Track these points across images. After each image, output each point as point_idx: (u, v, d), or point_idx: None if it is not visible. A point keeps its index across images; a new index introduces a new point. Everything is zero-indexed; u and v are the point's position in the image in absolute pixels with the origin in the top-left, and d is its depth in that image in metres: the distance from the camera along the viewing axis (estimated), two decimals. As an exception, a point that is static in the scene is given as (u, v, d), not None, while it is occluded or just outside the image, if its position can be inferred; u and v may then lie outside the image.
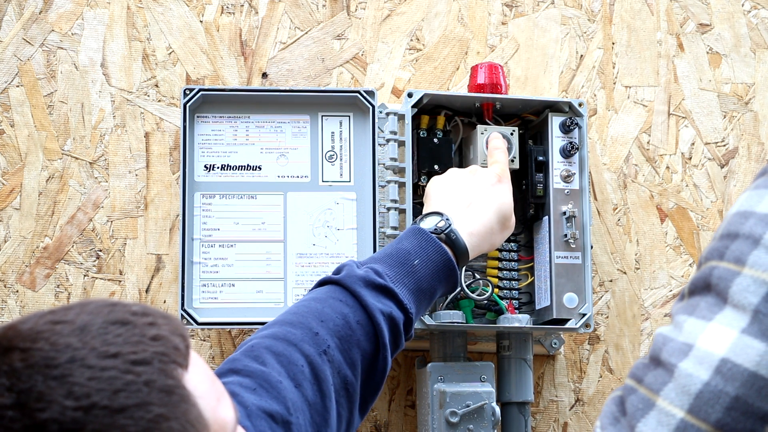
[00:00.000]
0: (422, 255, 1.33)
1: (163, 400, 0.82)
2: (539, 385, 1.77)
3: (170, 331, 0.87)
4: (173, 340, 0.87)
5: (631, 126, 1.84)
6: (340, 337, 1.24)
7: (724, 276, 0.93)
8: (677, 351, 0.93)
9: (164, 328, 0.87)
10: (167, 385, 0.83)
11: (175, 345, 0.87)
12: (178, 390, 0.84)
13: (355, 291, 1.27)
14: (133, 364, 0.83)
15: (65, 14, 1.76)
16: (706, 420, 0.89)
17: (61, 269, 1.70)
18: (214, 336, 1.71)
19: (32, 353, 0.82)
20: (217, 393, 0.90)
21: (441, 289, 1.38)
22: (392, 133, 1.61)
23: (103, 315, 0.86)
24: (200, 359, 0.91)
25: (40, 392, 0.80)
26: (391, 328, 1.27)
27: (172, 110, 1.75)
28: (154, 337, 0.86)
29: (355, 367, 1.24)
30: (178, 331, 0.88)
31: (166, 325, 0.88)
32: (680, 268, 1.82)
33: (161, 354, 0.85)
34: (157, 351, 0.85)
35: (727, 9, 1.88)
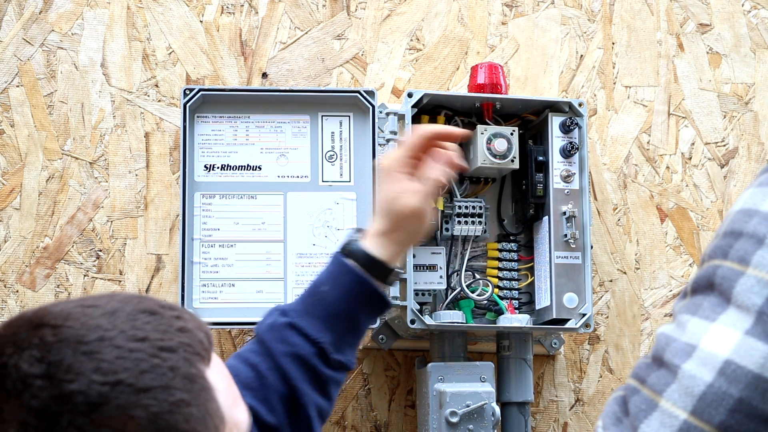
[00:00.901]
0: (330, 278, 1.28)
1: (186, 387, 0.85)
2: (539, 385, 1.77)
3: (195, 326, 0.91)
4: (198, 334, 0.90)
5: (631, 126, 1.84)
6: (252, 388, 1.24)
7: (727, 276, 0.93)
8: (680, 352, 0.92)
9: (190, 322, 0.90)
10: (190, 373, 0.86)
11: (199, 339, 0.90)
12: (200, 380, 0.87)
13: (263, 339, 1.27)
14: (159, 349, 0.86)
15: (65, 14, 1.76)
16: (710, 422, 0.89)
17: (61, 269, 1.70)
18: (214, 336, 1.71)
19: (63, 330, 0.85)
20: (233, 394, 0.93)
21: (361, 308, 1.30)
22: (392, 133, 1.61)
23: (133, 304, 0.89)
24: (220, 360, 0.94)
25: (69, 365, 0.83)
26: (300, 366, 1.25)
27: (172, 110, 1.75)
28: (180, 328, 0.89)
29: (275, 410, 1.24)
30: (202, 327, 0.92)
31: (192, 321, 0.91)
32: (680, 268, 1.82)
33: (187, 345, 0.88)
34: (182, 341, 0.88)
35: (727, 9, 1.88)
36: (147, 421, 0.83)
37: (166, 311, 0.90)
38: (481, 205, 1.66)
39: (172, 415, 0.83)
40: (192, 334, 0.89)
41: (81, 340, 0.84)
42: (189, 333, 0.89)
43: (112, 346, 0.84)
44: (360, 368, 1.73)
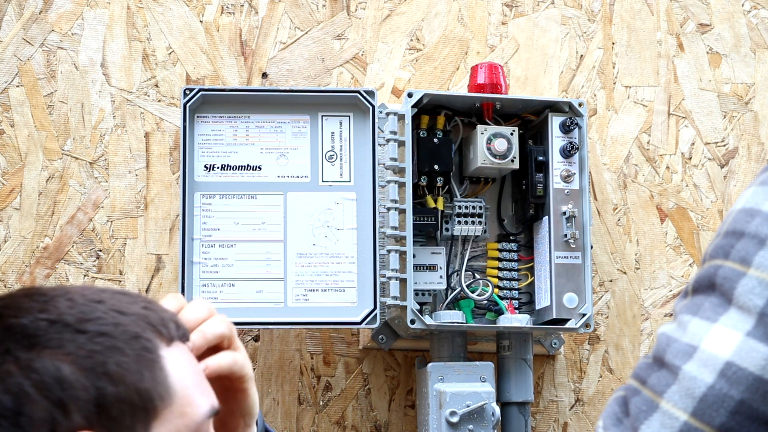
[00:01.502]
0: None
1: (126, 340, 0.86)
2: (539, 385, 1.77)
3: (164, 312, 0.91)
4: (163, 315, 0.91)
5: (631, 126, 1.84)
6: None
7: (729, 276, 0.92)
8: (681, 352, 0.92)
9: (160, 309, 0.91)
10: (135, 333, 0.87)
11: (163, 319, 0.90)
12: (145, 342, 0.87)
13: None
14: (113, 311, 0.88)
15: (65, 14, 1.76)
16: (710, 423, 0.89)
17: (61, 269, 1.70)
18: (214, 336, 1.71)
19: (32, 290, 0.89)
20: (199, 383, 0.92)
21: None
22: (392, 133, 1.61)
23: (113, 288, 0.92)
24: (193, 358, 0.94)
25: (19, 306, 0.87)
26: None
27: (172, 110, 1.75)
28: (145, 307, 0.90)
29: None
30: (173, 318, 0.92)
31: (164, 311, 0.92)
32: (680, 268, 1.82)
33: (143, 316, 0.89)
34: (141, 314, 0.89)
35: (727, 9, 1.88)
36: (78, 357, 0.84)
37: (141, 297, 0.92)
38: (481, 205, 1.66)
39: (104, 356, 0.84)
40: (157, 314, 0.90)
41: (41, 293, 0.88)
42: (154, 312, 0.90)
43: (66, 299, 0.87)
44: (360, 368, 1.74)
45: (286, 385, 1.72)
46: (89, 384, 0.84)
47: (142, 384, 0.85)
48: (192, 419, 0.89)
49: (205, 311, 1.02)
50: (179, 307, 1.01)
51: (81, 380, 0.84)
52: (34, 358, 0.84)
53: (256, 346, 1.72)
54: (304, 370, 1.73)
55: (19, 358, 0.84)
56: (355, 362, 1.74)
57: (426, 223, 1.65)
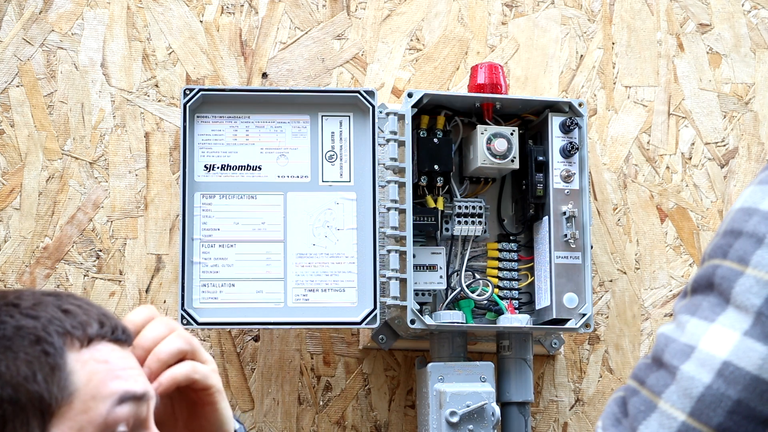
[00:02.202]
0: None
1: (24, 345, 0.87)
2: (539, 385, 1.77)
3: (88, 313, 0.92)
4: (84, 319, 0.91)
5: (631, 126, 1.84)
6: None
7: (727, 276, 0.92)
8: (679, 353, 0.92)
9: (84, 311, 0.91)
10: (39, 336, 0.88)
11: (82, 323, 0.90)
12: (47, 346, 0.88)
13: None
14: (21, 314, 0.89)
15: (65, 14, 1.76)
16: (708, 423, 0.89)
17: (61, 269, 1.70)
18: (214, 336, 1.71)
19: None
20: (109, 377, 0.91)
21: None
22: (392, 133, 1.61)
23: (61, 292, 0.93)
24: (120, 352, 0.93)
25: None
26: None
27: (172, 110, 1.75)
28: (65, 310, 0.90)
29: None
30: (100, 317, 0.92)
31: (90, 312, 0.92)
32: (680, 268, 1.82)
33: (56, 319, 0.89)
34: (54, 318, 0.89)
35: (727, 9, 1.88)
36: None
37: (68, 298, 0.92)
38: (481, 205, 1.66)
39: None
40: (75, 317, 0.91)
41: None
42: (71, 315, 0.91)
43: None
44: (360, 368, 1.74)
45: (286, 385, 1.72)
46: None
47: (33, 386, 0.86)
48: (97, 412, 0.90)
49: (164, 329, 1.01)
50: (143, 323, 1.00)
51: None
52: None
53: (256, 346, 1.72)
54: (304, 370, 1.73)
55: None
56: (355, 362, 1.74)
57: (426, 223, 1.65)
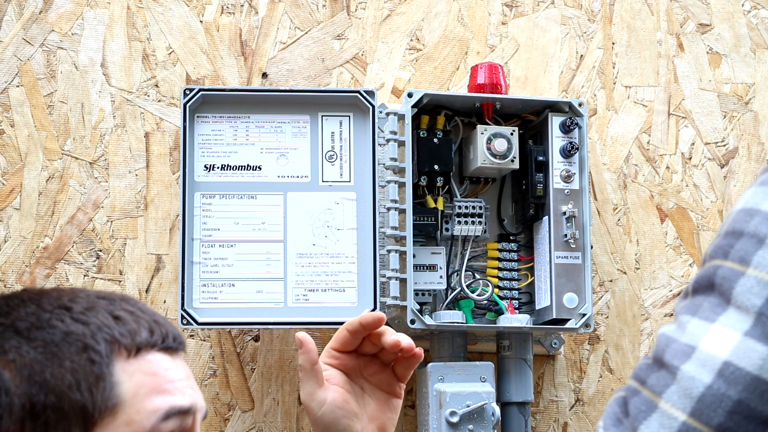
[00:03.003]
0: None
1: (71, 352, 0.87)
2: (539, 385, 1.77)
3: (139, 320, 0.91)
4: (133, 327, 0.90)
5: (631, 126, 1.84)
6: None
7: (728, 276, 0.92)
8: (680, 353, 0.92)
9: (136, 317, 0.91)
10: (87, 344, 0.87)
11: (131, 331, 0.90)
12: (93, 354, 0.87)
13: None
14: (71, 319, 0.88)
15: (65, 14, 1.76)
16: (708, 423, 0.89)
17: (61, 269, 1.70)
18: (214, 336, 1.71)
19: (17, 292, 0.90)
20: (156, 390, 0.91)
21: None
22: (392, 133, 1.61)
23: (115, 294, 0.92)
24: (171, 362, 0.93)
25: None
26: None
27: (172, 110, 1.75)
28: (116, 317, 0.90)
29: None
30: (151, 324, 0.92)
31: (141, 319, 0.91)
32: (680, 268, 1.82)
33: (108, 328, 0.89)
34: (104, 325, 0.89)
35: (727, 9, 1.88)
36: (19, 365, 0.85)
37: (124, 303, 0.91)
38: (481, 205, 1.66)
39: (42, 367, 0.85)
40: (126, 324, 0.90)
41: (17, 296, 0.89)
42: (122, 322, 0.90)
43: (35, 304, 0.88)
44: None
45: (286, 385, 1.72)
46: (24, 391, 0.85)
47: (77, 395, 0.86)
48: (141, 426, 0.90)
49: None
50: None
51: (18, 387, 0.85)
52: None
53: (256, 346, 1.72)
54: (304, 370, 1.72)
55: None
56: (355, 362, 1.74)
57: (426, 223, 1.65)
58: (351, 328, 1.15)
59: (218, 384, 1.71)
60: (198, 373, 1.70)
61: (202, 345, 1.71)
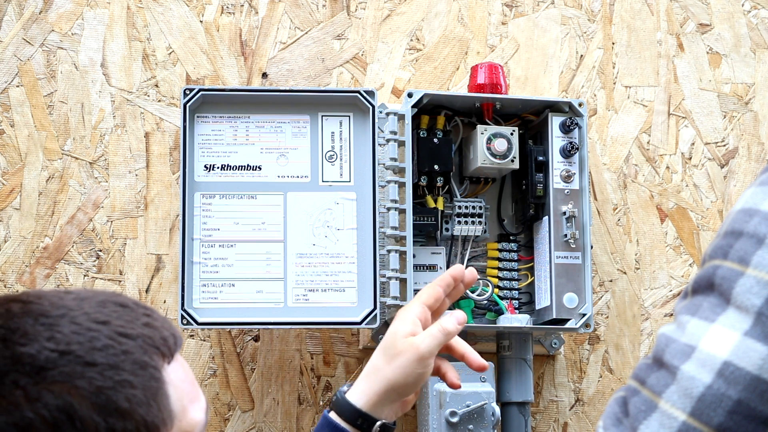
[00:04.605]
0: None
1: (134, 371, 0.87)
2: (539, 385, 1.77)
3: (163, 326, 0.92)
4: (163, 332, 0.91)
5: (631, 126, 1.84)
6: None
7: (727, 276, 0.92)
8: (680, 353, 0.92)
9: (158, 321, 0.92)
10: (143, 361, 0.88)
11: (163, 336, 0.91)
12: (152, 370, 0.88)
13: None
14: (117, 334, 0.88)
15: (65, 14, 1.76)
16: (708, 423, 0.89)
17: (61, 269, 1.70)
18: (214, 336, 1.71)
19: (32, 306, 0.88)
20: (194, 396, 0.94)
21: None
22: (392, 133, 1.61)
23: (107, 295, 0.92)
24: (186, 363, 0.95)
25: (25, 332, 0.85)
26: None
27: (172, 110, 1.75)
28: (146, 323, 0.91)
29: None
30: (171, 329, 0.93)
31: (162, 321, 0.93)
32: (680, 268, 1.82)
33: (147, 336, 0.89)
34: (144, 333, 0.89)
35: (727, 9, 1.88)
36: (89, 392, 0.84)
37: (137, 307, 0.92)
38: (481, 205, 1.66)
39: (115, 392, 0.85)
40: (157, 331, 0.91)
41: (44, 313, 0.87)
42: (153, 329, 0.91)
43: (71, 322, 0.87)
44: (360, 368, 1.74)
45: (286, 385, 1.72)
46: (100, 420, 0.84)
47: (150, 416, 0.86)
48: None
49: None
50: None
51: (92, 416, 0.84)
52: (43, 391, 0.83)
53: (256, 346, 1.72)
54: (304, 370, 1.73)
55: (27, 390, 0.83)
56: (355, 362, 1.74)
57: (426, 223, 1.65)
58: (444, 283, 1.29)
59: (218, 384, 1.71)
60: (198, 373, 1.70)
61: (202, 345, 1.71)
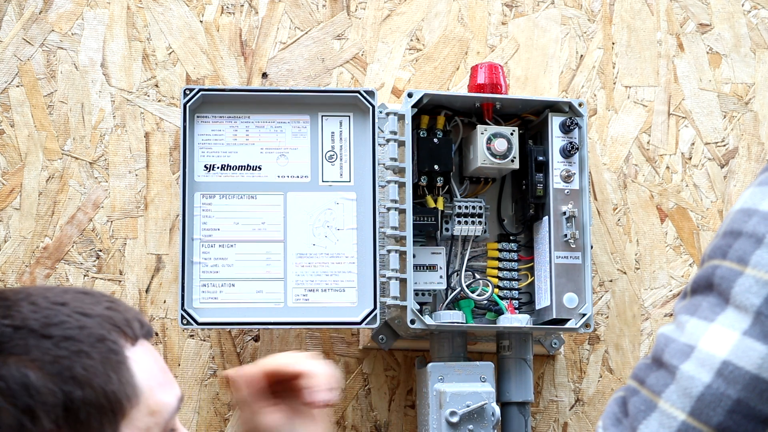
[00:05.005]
0: None
1: (92, 343, 0.87)
2: (539, 385, 1.77)
3: (127, 311, 0.93)
4: (126, 315, 0.92)
5: (631, 126, 1.84)
6: None
7: (726, 276, 0.93)
8: (679, 352, 0.92)
9: (122, 307, 0.93)
10: (100, 334, 0.88)
11: (126, 319, 0.92)
12: (110, 343, 0.89)
13: None
14: (75, 313, 0.89)
15: (65, 14, 1.76)
16: (708, 423, 0.89)
17: (61, 269, 1.70)
18: (214, 336, 1.71)
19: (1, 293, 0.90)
20: (164, 380, 0.94)
21: None
22: (392, 133, 1.61)
23: (78, 288, 0.94)
24: (157, 355, 0.95)
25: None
26: None
27: (172, 110, 1.75)
28: (108, 307, 0.91)
29: None
30: (137, 316, 0.94)
31: (126, 308, 0.93)
32: (680, 268, 1.82)
33: (107, 317, 0.90)
34: (104, 314, 0.90)
35: (727, 9, 1.88)
36: (44, 363, 0.85)
37: (101, 296, 0.93)
38: (481, 205, 1.66)
39: (70, 361, 0.85)
40: (118, 313, 0.91)
41: (5, 297, 0.89)
42: (115, 311, 0.91)
43: (30, 303, 0.88)
44: (360, 368, 1.74)
45: (286, 385, 1.72)
46: (57, 389, 0.85)
47: (109, 386, 0.87)
48: (162, 417, 0.91)
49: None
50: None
51: (48, 386, 0.84)
52: (3, 364, 0.84)
53: (256, 346, 1.72)
54: (304, 370, 1.72)
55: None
56: (355, 362, 1.74)
57: (426, 223, 1.65)
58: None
59: (218, 384, 1.71)
60: (198, 373, 1.70)
61: (202, 345, 1.71)
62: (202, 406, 1.70)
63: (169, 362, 1.70)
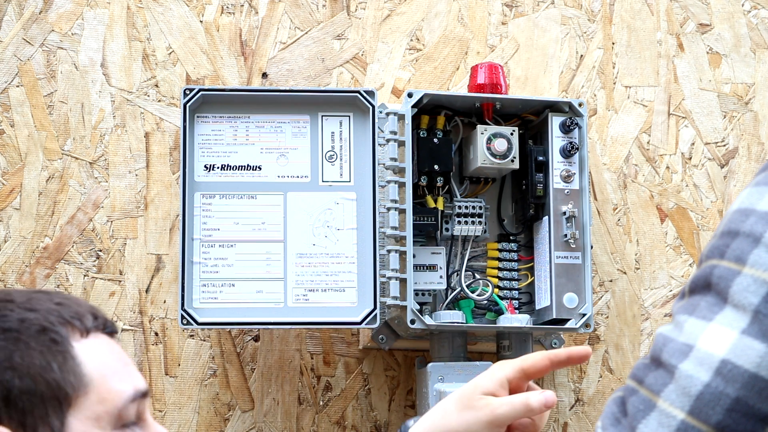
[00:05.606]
0: None
1: (33, 335, 0.88)
2: (539, 385, 1.77)
3: (80, 305, 0.93)
4: (78, 309, 0.92)
5: (631, 126, 1.84)
6: None
7: (724, 275, 0.93)
8: (677, 352, 0.92)
9: (74, 302, 0.93)
10: (42, 326, 0.89)
11: (77, 312, 0.92)
12: (53, 334, 0.89)
13: None
14: (21, 308, 0.89)
15: (65, 14, 1.76)
16: (707, 422, 0.89)
17: (61, 269, 1.70)
18: (214, 336, 1.71)
19: None
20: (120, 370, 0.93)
21: None
22: (392, 133, 1.61)
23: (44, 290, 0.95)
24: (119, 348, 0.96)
25: None
26: None
27: (172, 110, 1.75)
28: (58, 303, 0.92)
29: None
30: (92, 310, 0.94)
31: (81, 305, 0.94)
32: (680, 268, 1.82)
33: (54, 311, 0.90)
34: (51, 309, 0.91)
35: (727, 9, 1.88)
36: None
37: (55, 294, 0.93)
38: (481, 205, 1.66)
39: (8, 351, 0.86)
40: (68, 308, 0.92)
41: None
42: (65, 306, 0.92)
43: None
44: (360, 368, 1.74)
45: (286, 385, 1.72)
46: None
47: (50, 375, 0.87)
48: (113, 404, 0.91)
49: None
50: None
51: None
52: None
53: (256, 346, 1.72)
54: (304, 370, 1.73)
55: None
56: (355, 362, 1.74)
57: (426, 223, 1.65)
58: (557, 360, 1.20)
59: (218, 384, 1.71)
60: (198, 373, 1.70)
61: (202, 345, 1.71)
62: (202, 406, 1.70)
63: (169, 362, 1.70)
